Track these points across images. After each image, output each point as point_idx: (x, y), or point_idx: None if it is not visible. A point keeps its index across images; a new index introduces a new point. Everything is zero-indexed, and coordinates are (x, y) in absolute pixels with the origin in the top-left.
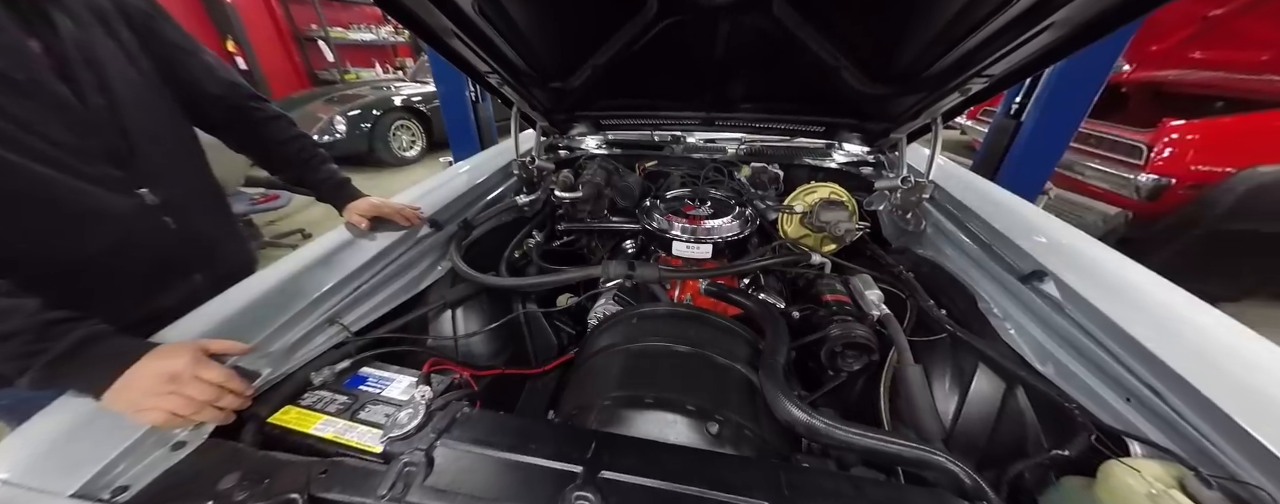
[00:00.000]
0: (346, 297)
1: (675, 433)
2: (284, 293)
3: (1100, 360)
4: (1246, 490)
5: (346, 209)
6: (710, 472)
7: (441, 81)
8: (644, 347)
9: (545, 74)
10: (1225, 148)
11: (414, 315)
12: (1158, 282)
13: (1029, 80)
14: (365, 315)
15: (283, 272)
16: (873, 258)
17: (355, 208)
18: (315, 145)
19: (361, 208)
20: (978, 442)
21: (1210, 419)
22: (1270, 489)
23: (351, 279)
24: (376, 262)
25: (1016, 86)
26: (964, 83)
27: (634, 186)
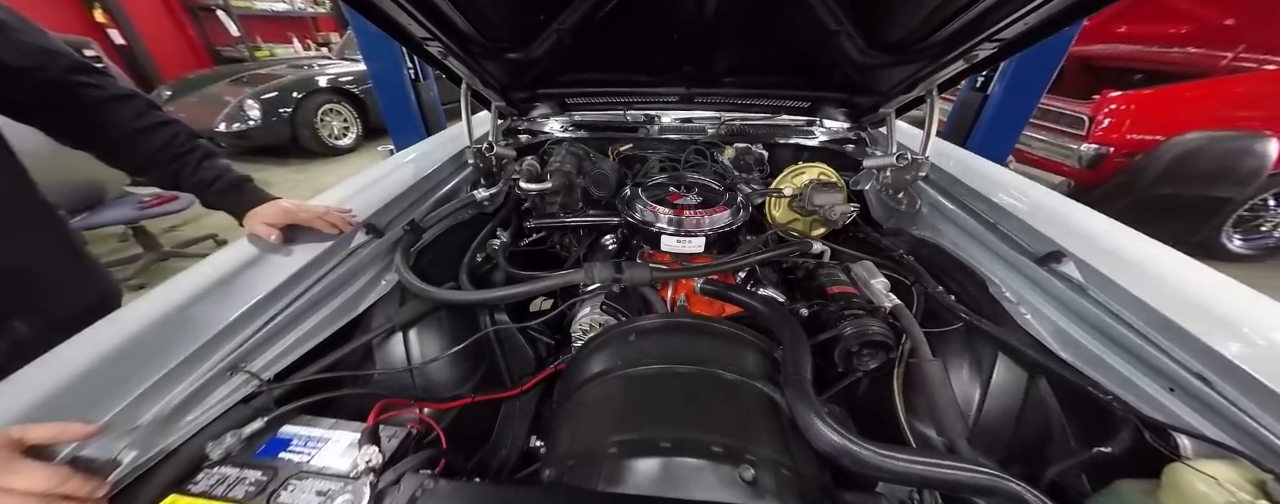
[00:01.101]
0: (256, 333)
1: (703, 486)
2: (161, 336)
3: (1136, 347)
4: None
5: (248, 218)
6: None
7: (371, 58)
8: (647, 371)
9: (499, 42)
10: (1157, 117)
11: (354, 346)
12: (1185, 261)
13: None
14: (284, 354)
15: (158, 307)
16: (867, 241)
17: (260, 215)
18: (192, 136)
19: (269, 215)
20: (1001, 437)
21: (1277, 411)
22: None
23: (261, 309)
24: (296, 283)
25: None
26: (972, 49)
27: (610, 174)
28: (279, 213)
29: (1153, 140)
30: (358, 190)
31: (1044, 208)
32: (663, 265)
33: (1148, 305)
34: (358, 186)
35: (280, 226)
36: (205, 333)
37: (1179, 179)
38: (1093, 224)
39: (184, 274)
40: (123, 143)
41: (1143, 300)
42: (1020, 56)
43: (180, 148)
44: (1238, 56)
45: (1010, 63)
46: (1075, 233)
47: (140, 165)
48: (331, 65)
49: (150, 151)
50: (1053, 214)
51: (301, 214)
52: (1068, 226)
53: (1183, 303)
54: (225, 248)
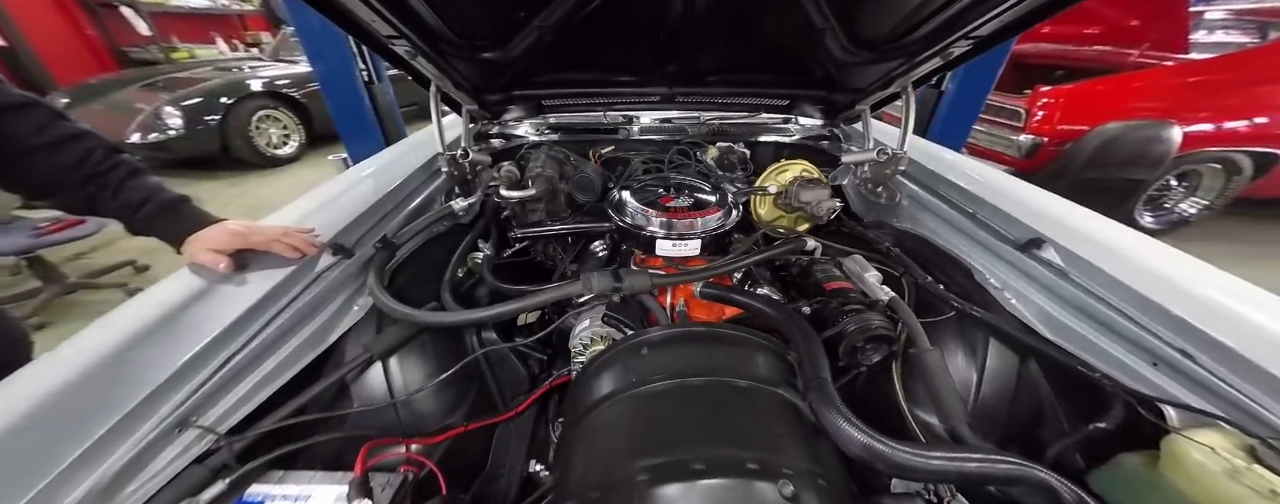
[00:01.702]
0: (208, 379)
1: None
2: (91, 391)
3: (1119, 326)
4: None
5: (189, 244)
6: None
7: (318, 58)
8: (663, 387)
9: (475, 40)
10: (1082, 109)
11: (326, 383)
12: (1154, 243)
13: None
14: (243, 401)
15: (86, 356)
16: (853, 235)
17: (204, 241)
18: (111, 151)
19: (215, 240)
20: (997, 419)
21: (1254, 380)
22: None
23: (212, 351)
24: (253, 317)
25: None
26: (949, 46)
27: (594, 178)
28: (227, 237)
29: (1079, 130)
30: (319, 207)
31: (1020, 197)
32: (660, 271)
33: (1127, 286)
34: (318, 202)
35: (230, 252)
36: (145, 384)
37: (1102, 164)
38: (1067, 211)
39: (114, 314)
40: (19, 161)
41: (1122, 281)
42: None
43: (97, 165)
44: (1142, 53)
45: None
46: (1052, 220)
47: (44, 188)
48: (265, 67)
49: (56, 171)
50: (1029, 203)
51: (255, 237)
52: (1044, 214)
53: (1159, 282)
54: (165, 281)
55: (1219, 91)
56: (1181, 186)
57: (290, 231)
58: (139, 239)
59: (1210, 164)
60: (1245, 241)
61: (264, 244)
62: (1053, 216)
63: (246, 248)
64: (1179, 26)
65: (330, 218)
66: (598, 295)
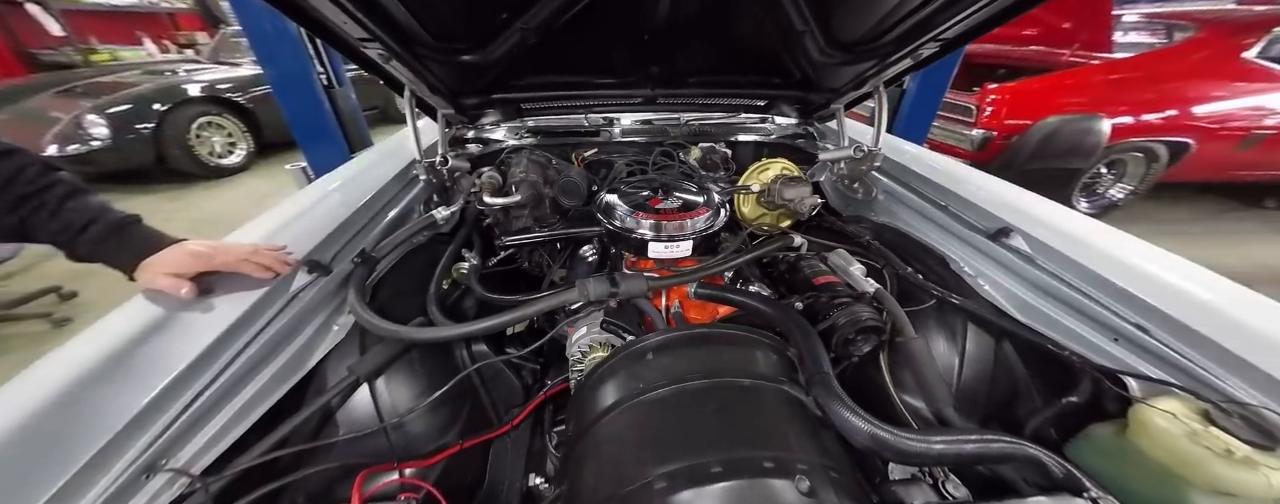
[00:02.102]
0: (177, 417)
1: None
2: (44, 438)
3: (1082, 306)
4: (1253, 412)
5: (143, 270)
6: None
7: (269, 62)
8: (671, 392)
9: (453, 43)
10: (1025, 105)
11: (309, 412)
12: (1109, 229)
13: None
14: (218, 438)
15: (32, 399)
16: (834, 230)
17: (160, 265)
18: (46, 168)
19: (174, 262)
20: (978, 400)
21: (1204, 350)
22: (1273, 406)
23: (181, 386)
24: (224, 346)
25: None
26: (918, 47)
27: (579, 181)
28: (188, 259)
29: (1024, 125)
30: (289, 221)
31: (987, 189)
32: (653, 273)
33: (1088, 269)
34: (288, 216)
35: (192, 276)
36: (105, 429)
37: (1044, 155)
38: (1031, 201)
39: (61, 351)
40: None
41: (1083, 265)
42: None
43: (29, 185)
44: (1073, 53)
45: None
46: (1018, 210)
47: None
48: (204, 70)
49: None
50: (996, 194)
51: (220, 257)
52: (1010, 205)
53: (1116, 264)
54: (119, 311)
55: (1136, 87)
56: (1110, 174)
57: (260, 249)
58: (65, 262)
59: (1133, 153)
60: (1163, 222)
61: (231, 265)
62: (1018, 207)
63: (211, 270)
64: (1103, 28)
65: (302, 233)
66: (594, 301)
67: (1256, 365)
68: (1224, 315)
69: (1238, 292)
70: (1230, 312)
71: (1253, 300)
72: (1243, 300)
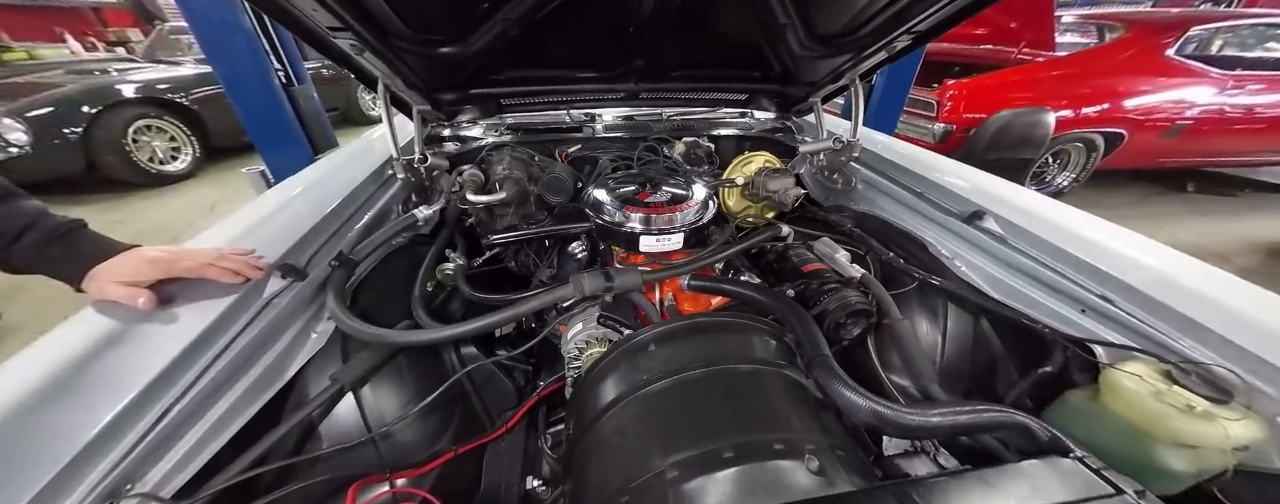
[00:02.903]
0: (143, 438)
1: (781, 488)
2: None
3: (1051, 281)
4: (1207, 370)
5: (92, 280)
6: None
7: (220, 60)
8: (676, 382)
9: (431, 34)
10: (980, 100)
11: (291, 425)
12: (1072, 210)
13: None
14: (190, 457)
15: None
16: (817, 219)
17: (111, 273)
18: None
19: (128, 270)
20: (960, 375)
21: (1163, 315)
22: (1228, 366)
23: (144, 404)
24: (191, 359)
25: None
26: (893, 40)
27: (565, 178)
28: (143, 266)
29: (980, 118)
30: (255, 225)
31: (959, 175)
32: (646, 267)
33: (1056, 246)
34: (254, 221)
35: (149, 284)
36: (62, 452)
37: (1001, 146)
38: (1000, 186)
39: (9, 366)
40: None
41: (1051, 242)
42: None
43: None
44: (1020, 51)
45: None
46: (988, 194)
47: None
48: (139, 70)
49: None
50: (967, 180)
51: (183, 263)
52: (981, 189)
53: (1080, 241)
54: (66, 325)
55: (1076, 83)
56: (1055, 164)
57: (226, 254)
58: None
59: (1075, 143)
60: (1104, 206)
61: (195, 270)
62: (989, 191)
63: (171, 277)
64: (1046, 28)
65: (271, 238)
66: (589, 296)
67: (1209, 327)
68: (1178, 284)
69: (1189, 262)
70: (1184, 281)
71: (1202, 270)
72: (1194, 270)
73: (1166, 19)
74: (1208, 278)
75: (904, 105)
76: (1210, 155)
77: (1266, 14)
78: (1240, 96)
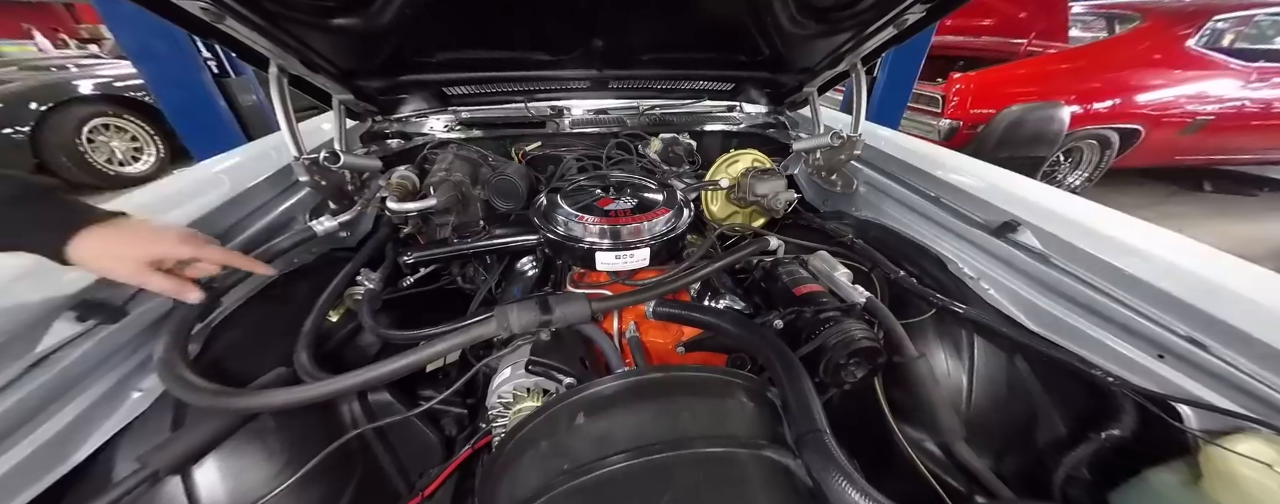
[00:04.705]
0: None
1: None
2: None
3: (1112, 313)
4: None
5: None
6: None
7: (144, 58)
8: (608, 476)
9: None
10: (989, 94)
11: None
12: (1134, 221)
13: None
14: None
15: None
16: (812, 228)
17: (132, 249)
18: None
19: (155, 248)
20: (991, 428)
21: (1278, 369)
22: None
23: None
24: None
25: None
26: (901, 13)
27: (517, 180)
28: (173, 243)
29: (988, 114)
30: None
31: (985, 178)
32: (602, 287)
33: (1118, 268)
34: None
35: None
36: None
37: (1011, 144)
38: (1037, 190)
39: None
40: None
41: (1111, 263)
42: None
43: None
44: (1030, 43)
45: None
46: (1022, 200)
47: None
48: (102, 66)
49: None
50: (996, 184)
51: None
52: (1013, 194)
53: (1153, 263)
54: None
55: (1091, 76)
56: (1067, 162)
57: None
58: None
59: (1089, 140)
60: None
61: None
62: (1023, 196)
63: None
64: (1059, 17)
65: None
66: (520, 334)
67: None
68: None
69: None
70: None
71: None
72: None
73: (1186, 8)
74: None
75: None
76: (1231, 152)
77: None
78: (1264, 90)
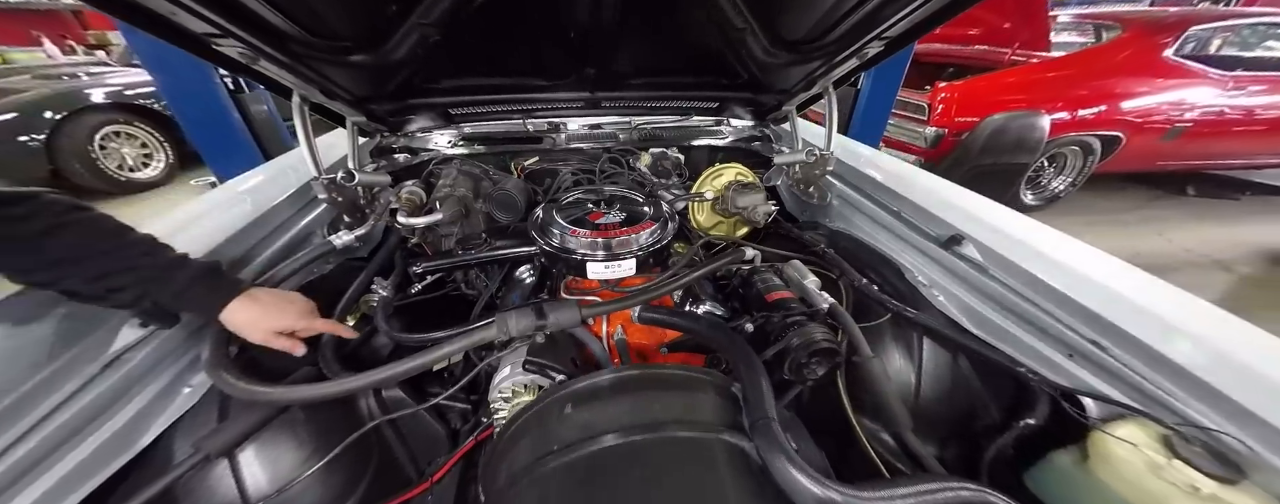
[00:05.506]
0: None
1: None
2: None
3: (1035, 318)
4: (1213, 438)
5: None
6: None
7: (159, 68)
8: (591, 455)
9: (337, 41)
10: (973, 102)
11: (146, 498)
12: (1062, 237)
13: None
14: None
15: None
16: (789, 237)
17: (268, 321)
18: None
19: (284, 320)
20: (937, 419)
21: (1161, 369)
22: (1233, 432)
23: None
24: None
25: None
26: (862, 47)
27: (516, 194)
28: (295, 317)
29: (972, 121)
30: None
31: (937, 193)
32: (593, 294)
33: (1040, 280)
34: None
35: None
36: None
37: (994, 150)
38: (982, 207)
39: None
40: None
41: (1035, 275)
42: None
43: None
44: (1014, 52)
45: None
46: (968, 215)
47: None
48: (113, 74)
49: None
50: (946, 199)
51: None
52: (960, 209)
53: (1069, 275)
54: None
55: (1072, 84)
56: (1052, 168)
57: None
58: None
59: (1072, 146)
60: (1103, 212)
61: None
62: (969, 211)
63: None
64: (1041, 28)
65: None
66: (518, 337)
67: (1217, 388)
68: (1184, 332)
69: (1197, 306)
70: (1191, 328)
71: (1214, 315)
72: (1203, 316)
73: (1165, 19)
74: (1219, 325)
75: (891, 111)
76: (1210, 158)
77: (1267, 13)
78: (1241, 98)
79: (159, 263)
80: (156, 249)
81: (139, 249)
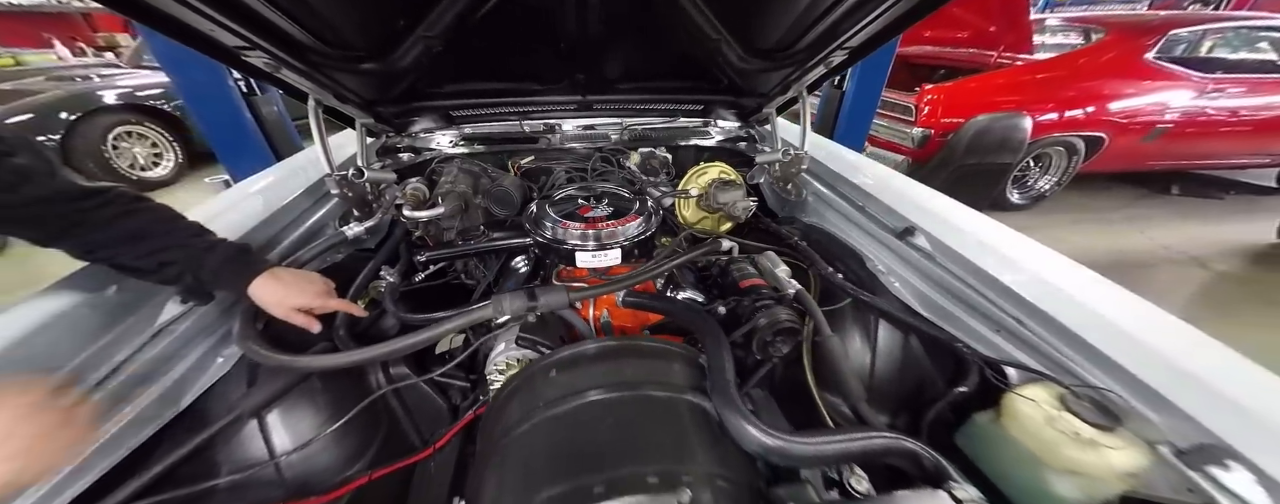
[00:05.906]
0: None
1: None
2: None
3: (971, 300)
4: (1100, 395)
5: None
6: None
7: (176, 68)
8: (572, 408)
9: (350, 51)
10: (958, 104)
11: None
12: (1001, 228)
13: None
14: (66, 484)
15: None
16: (767, 231)
17: (292, 299)
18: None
19: (304, 298)
20: (890, 391)
21: (1065, 339)
22: (1117, 389)
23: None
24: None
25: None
26: (827, 56)
27: (512, 190)
28: (315, 296)
29: (957, 122)
30: None
31: (898, 189)
32: (581, 281)
33: (975, 265)
34: None
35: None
36: None
37: (979, 151)
38: (935, 202)
39: None
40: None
41: (971, 261)
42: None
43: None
44: (1000, 55)
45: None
46: (922, 209)
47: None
48: (123, 76)
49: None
50: (902, 194)
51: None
52: (916, 204)
53: (998, 260)
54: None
55: (1055, 86)
56: (1037, 167)
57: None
58: None
59: (1056, 147)
60: (1090, 210)
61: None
62: (923, 206)
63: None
64: (1023, 31)
65: None
66: (512, 317)
67: (1106, 353)
68: (1084, 308)
69: (1100, 285)
70: (1090, 304)
71: (1114, 293)
72: (1104, 292)
73: (1146, 22)
74: (1115, 301)
75: (876, 112)
76: (1192, 158)
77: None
78: (1221, 99)
79: (203, 243)
80: (203, 232)
81: (190, 231)
